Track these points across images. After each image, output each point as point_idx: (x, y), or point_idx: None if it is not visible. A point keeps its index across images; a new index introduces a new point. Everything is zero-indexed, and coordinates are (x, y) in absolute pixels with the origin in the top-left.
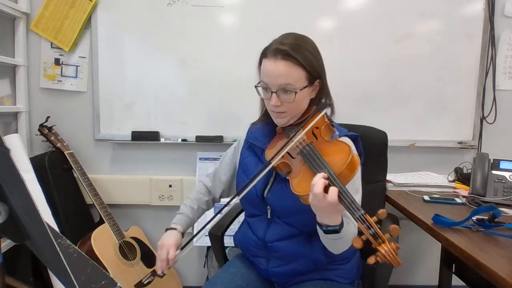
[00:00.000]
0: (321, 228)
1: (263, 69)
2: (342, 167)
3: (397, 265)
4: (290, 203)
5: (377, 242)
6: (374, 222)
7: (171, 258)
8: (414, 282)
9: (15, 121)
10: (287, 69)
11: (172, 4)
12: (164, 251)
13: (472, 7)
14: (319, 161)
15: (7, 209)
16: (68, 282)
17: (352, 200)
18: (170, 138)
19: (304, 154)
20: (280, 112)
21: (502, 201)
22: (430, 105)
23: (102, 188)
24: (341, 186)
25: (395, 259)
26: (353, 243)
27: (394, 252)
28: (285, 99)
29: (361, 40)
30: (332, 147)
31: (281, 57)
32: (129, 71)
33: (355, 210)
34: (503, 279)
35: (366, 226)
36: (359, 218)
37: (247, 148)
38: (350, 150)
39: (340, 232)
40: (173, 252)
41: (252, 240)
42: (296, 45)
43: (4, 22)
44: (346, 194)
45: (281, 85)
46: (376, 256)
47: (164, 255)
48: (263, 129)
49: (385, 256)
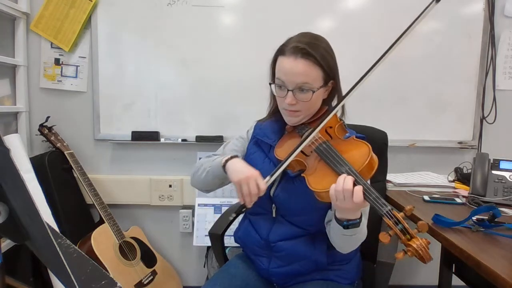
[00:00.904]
0: (341, 223)
1: (280, 67)
2: (363, 165)
3: (428, 259)
4: (299, 202)
5: (406, 238)
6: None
7: (263, 189)
8: (414, 282)
9: (15, 121)
10: (306, 68)
11: (172, 4)
12: (253, 183)
13: (472, 7)
14: (338, 158)
15: (7, 209)
16: (68, 282)
17: (378, 196)
18: (170, 138)
19: (321, 151)
20: (294, 111)
21: (502, 201)
22: (430, 105)
23: (102, 188)
24: (365, 183)
25: (427, 254)
26: (380, 238)
27: (426, 247)
28: (301, 98)
29: (361, 40)
30: (349, 146)
31: (301, 55)
32: (129, 71)
33: (382, 206)
34: (503, 279)
35: (393, 221)
36: (387, 213)
37: (254, 144)
38: (369, 149)
39: (359, 226)
40: (262, 182)
41: (254, 239)
42: (314, 44)
43: (4, 22)
44: (371, 191)
45: (298, 83)
46: (406, 251)
47: (255, 189)
48: (273, 126)
49: (417, 251)
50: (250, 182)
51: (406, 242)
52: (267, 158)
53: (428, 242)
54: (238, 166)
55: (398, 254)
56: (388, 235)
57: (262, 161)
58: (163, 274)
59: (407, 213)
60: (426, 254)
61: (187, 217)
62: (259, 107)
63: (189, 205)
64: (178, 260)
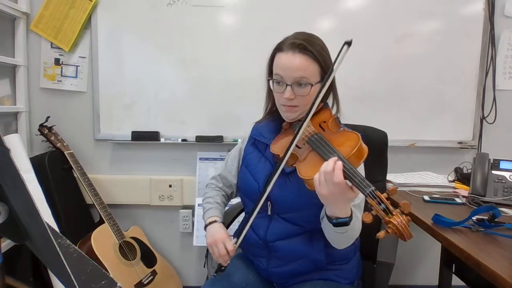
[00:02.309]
0: (331, 221)
1: (279, 63)
2: (351, 152)
3: (408, 237)
4: (293, 197)
5: (388, 217)
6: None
7: (231, 250)
8: (414, 282)
9: (15, 121)
10: (304, 62)
11: (172, 4)
12: (221, 245)
13: (472, 7)
14: (328, 147)
15: (7, 209)
16: (68, 282)
17: (362, 178)
18: (170, 138)
19: (312, 141)
20: (292, 106)
21: (502, 201)
22: (430, 105)
23: (102, 188)
24: (351, 167)
25: (406, 230)
26: (363, 218)
27: (406, 223)
28: (299, 93)
29: (361, 40)
30: (341, 137)
31: (299, 50)
32: (129, 71)
33: (366, 186)
34: (503, 279)
35: (377, 202)
36: (370, 194)
37: (251, 145)
38: (359, 138)
39: (349, 225)
40: (230, 243)
41: (253, 239)
42: (310, 40)
43: (4, 22)
44: (355, 173)
45: (296, 78)
46: (387, 229)
47: (223, 250)
48: (269, 126)
49: (397, 227)
50: (218, 244)
51: (387, 220)
52: (263, 157)
53: (409, 219)
54: (211, 230)
55: (380, 233)
56: (370, 215)
57: (258, 161)
58: (163, 274)
59: (390, 194)
60: (406, 231)
61: (187, 217)
62: (259, 107)
63: (189, 205)
64: (178, 260)
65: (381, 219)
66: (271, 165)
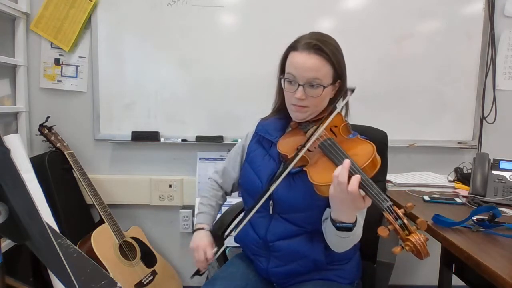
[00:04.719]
0: (334, 224)
1: (292, 62)
2: (366, 162)
3: (425, 255)
4: (296, 198)
5: (404, 233)
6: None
7: (210, 258)
8: (414, 282)
9: (15, 121)
10: (318, 63)
11: (172, 4)
12: (201, 252)
13: (472, 7)
14: (342, 153)
15: (7, 209)
16: (68, 282)
17: (379, 191)
18: (170, 138)
19: (325, 147)
20: (302, 107)
21: (502, 201)
22: (430, 105)
23: (102, 188)
24: (367, 178)
25: (424, 249)
26: (379, 232)
27: (425, 242)
28: (311, 93)
29: (361, 40)
30: (354, 144)
31: (314, 51)
32: (129, 71)
33: (383, 201)
34: (503, 279)
35: (393, 217)
36: (387, 208)
37: (256, 142)
38: (373, 148)
39: (352, 231)
40: (210, 251)
41: (253, 239)
42: (325, 41)
43: (4, 22)
44: (372, 185)
45: (309, 78)
46: (404, 246)
47: (202, 256)
48: (275, 124)
49: (415, 245)
50: (199, 251)
51: (404, 237)
52: (268, 155)
53: (426, 238)
54: (197, 237)
55: (396, 249)
56: (387, 229)
57: (262, 158)
58: (163, 274)
59: (407, 210)
60: (424, 250)
61: (187, 217)
62: (259, 107)
63: (189, 205)
64: (178, 260)
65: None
66: (275, 163)
